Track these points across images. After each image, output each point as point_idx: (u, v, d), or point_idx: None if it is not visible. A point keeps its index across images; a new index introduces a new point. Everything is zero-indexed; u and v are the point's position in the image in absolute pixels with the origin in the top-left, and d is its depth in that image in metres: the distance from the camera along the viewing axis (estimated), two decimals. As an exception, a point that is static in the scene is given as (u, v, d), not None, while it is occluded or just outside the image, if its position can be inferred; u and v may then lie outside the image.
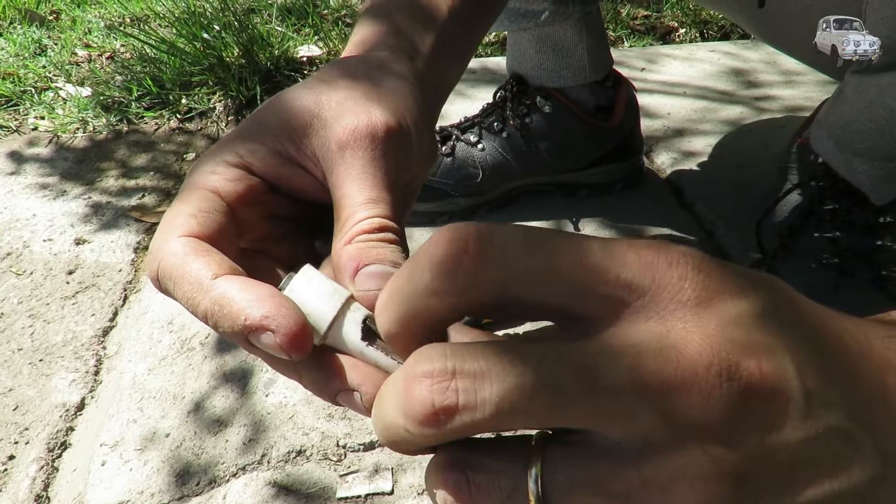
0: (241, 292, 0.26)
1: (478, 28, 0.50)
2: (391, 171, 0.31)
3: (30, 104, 1.38)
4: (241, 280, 0.26)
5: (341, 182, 0.30)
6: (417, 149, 0.34)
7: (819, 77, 1.33)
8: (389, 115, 0.32)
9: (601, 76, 0.95)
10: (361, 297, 0.27)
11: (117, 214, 1.06)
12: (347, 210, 0.29)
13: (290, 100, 0.33)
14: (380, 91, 0.33)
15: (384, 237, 0.29)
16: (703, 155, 1.10)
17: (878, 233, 0.72)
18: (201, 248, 0.28)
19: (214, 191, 0.30)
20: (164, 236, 0.28)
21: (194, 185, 0.30)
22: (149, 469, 0.66)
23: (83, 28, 1.75)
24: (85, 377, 0.79)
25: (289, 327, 0.25)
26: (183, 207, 0.29)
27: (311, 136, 0.31)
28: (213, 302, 0.26)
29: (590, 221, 0.96)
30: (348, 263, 0.28)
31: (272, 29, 1.58)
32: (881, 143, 0.68)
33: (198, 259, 0.27)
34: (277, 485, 0.64)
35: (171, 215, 0.29)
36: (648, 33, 1.67)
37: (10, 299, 0.91)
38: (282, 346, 0.25)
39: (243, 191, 0.31)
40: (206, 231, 0.29)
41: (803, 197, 0.77)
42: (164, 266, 0.27)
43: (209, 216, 0.29)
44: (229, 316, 0.25)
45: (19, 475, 0.69)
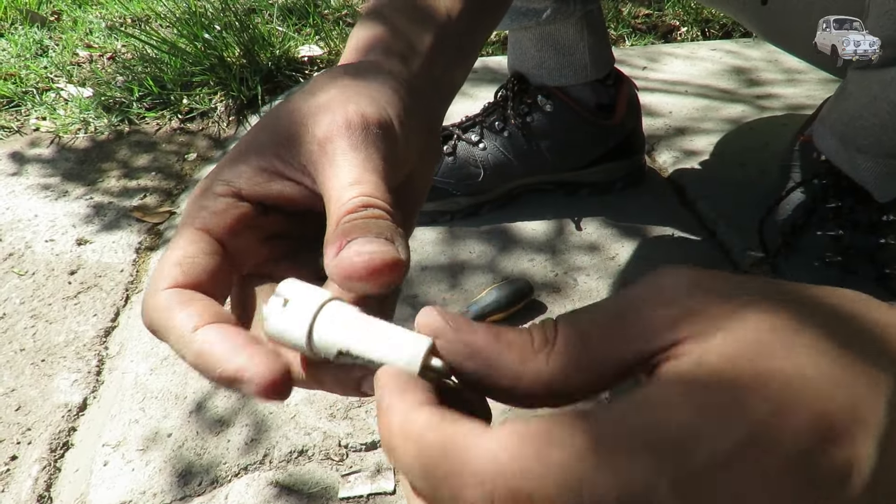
0: (219, 343, 0.26)
1: (480, 28, 0.49)
2: (374, 156, 0.30)
3: (31, 105, 1.38)
4: (222, 330, 0.26)
5: (326, 177, 0.30)
6: (404, 143, 0.33)
7: (821, 75, 1.33)
8: (366, 107, 0.31)
9: (602, 75, 0.94)
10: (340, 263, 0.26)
11: (119, 215, 1.06)
12: (333, 201, 0.29)
13: (275, 116, 0.33)
14: (358, 89, 0.33)
15: (368, 213, 0.27)
16: (704, 153, 1.10)
17: (881, 231, 0.72)
18: (185, 298, 0.28)
19: (203, 229, 0.30)
20: (152, 289, 0.29)
21: (183, 226, 0.31)
22: (151, 469, 0.66)
23: (84, 29, 1.75)
24: (87, 377, 0.79)
25: (263, 377, 0.25)
26: (170, 255, 0.29)
27: (296, 145, 0.31)
28: (194, 355, 0.26)
29: (591, 220, 0.96)
30: (331, 247, 0.26)
31: (273, 29, 1.58)
32: (885, 138, 0.68)
33: (182, 311, 0.27)
34: (279, 485, 0.64)
35: (160, 264, 0.30)
36: (650, 32, 1.67)
37: (13, 300, 0.91)
38: (259, 395, 0.25)
39: (232, 221, 0.31)
40: (192, 278, 0.29)
41: (806, 195, 0.77)
42: (153, 321, 0.28)
43: (194, 261, 0.29)
44: (207, 368, 0.26)
45: (22, 475, 0.69)
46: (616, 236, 0.93)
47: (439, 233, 0.94)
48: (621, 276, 0.87)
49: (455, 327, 0.23)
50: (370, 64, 0.38)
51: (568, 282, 0.86)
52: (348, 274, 0.25)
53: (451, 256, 0.90)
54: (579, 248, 0.91)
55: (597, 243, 0.92)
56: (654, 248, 0.91)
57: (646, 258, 0.89)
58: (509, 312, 0.79)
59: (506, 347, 0.22)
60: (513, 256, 0.90)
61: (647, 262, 0.89)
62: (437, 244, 0.93)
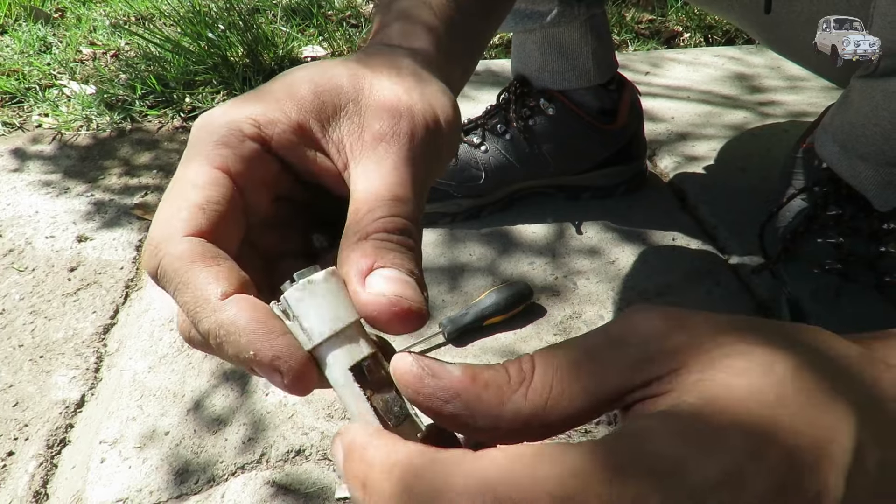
0: (252, 323, 0.24)
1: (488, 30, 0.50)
2: (421, 174, 0.29)
3: (34, 101, 1.38)
4: (251, 305, 0.24)
5: (368, 175, 0.27)
6: (447, 156, 0.32)
7: (823, 83, 1.33)
8: (430, 117, 0.30)
9: (606, 79, 0.94)
10: (370, 300, 0.24)
11: (120, 212, 1.07)
12: (369, 204, 0.27)
13: (324, 73, 0.30)
14: (423, 91, 0.31)
15: (403, 241, 0.26)
16: (706, 159, 1.10)
17: (881, 239, 0.72)
18: (209, 253, 0.25)
19: (225, 170, 0.27)
20: (168, 229, 0.26)
21: (202, 159, 0.27)
22: (148, 467, 0.66)
23: (88, 26, 1.75)
24: (85, 374, 0.79)
25: (297, 371, 0.24)
26: (190, 193, 0.26)
27: (342, 119, 0.29)
28: (218, 324, 0.24)
29: (591, 224, 0.96)
30: (362, 260, 0.25)
31: (277, 29, 1.58)
32: (886, 148, 0.68)
33: (205, 269, 0.25)
34: (276, 484, 0.64)
35: (175, 199, 0.26)
36: (653, 37, 1.67)
37: (12, 296, 0.91)
38: (285, 387, 0.24)
39: (257, 173, 0.28)
40: (215, 227, 0.26)
41: (807, 202, 0.77)
42: (168, 268, 0.25)
43: (218, 208, 0.26)
44: (235, 344, 0.24)
45: (18, 471, 0.69)
46: (616, 240, 0.93)
47: (439, 235, 0.94)
48: (621, 280, 0.87)
49: (431, 373, 0.23)
50: (428, 59, 0.36)
51: (568, 285, 0.86)
52: (376, 313, 0.24)
53: (451, 259, 0.90)
54: (579, 252, 0.91)
55: (597, 247, 0.92)
56: (654, 252, 0.91)
57: (646, 262, 0.89)
58: (509, 315, 0.79)
59: (483, 389, 0.22)
60: (513, 259, 0.90)
61: (648, 266, 0.89)
62: (438, 246, 0.93)
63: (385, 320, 0.24)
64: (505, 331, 0.79)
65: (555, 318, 0.81)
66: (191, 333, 0.27)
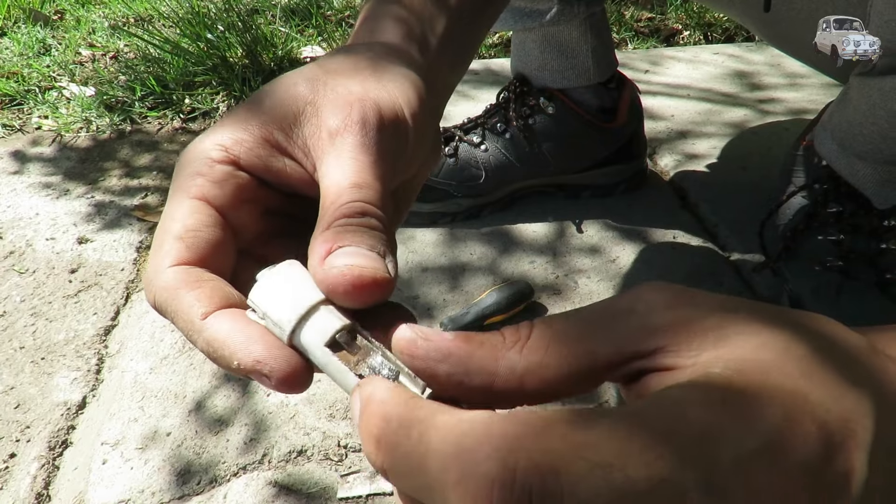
0: (231, 334, 0.25)
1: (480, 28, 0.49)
2: (381, 160, 0.29)
3: (33, 103, 1.38)
4: (230, 318, 0.25)
5: (329, 170, 0.28)
6: (415, 144, 0.32)
7: (823, 80, 1.33)
8: (385, 104, 0.30)
9: (605, 78, 0.94)
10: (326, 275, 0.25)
11: (120, 214, 1.07)
12: (331, 197, 0.27)
13: (283, 85, 0.31)
14: (380, 80, 0.32)
15: (365, 222, 0.27)
16: (706, 157, 1.10)
17: (881, 236, 0.72)
18: (192, 277, 0.27)
19: (202, 198, 0.28)
20: (155, 264, 0.27)
21: (180, 193, 0.29)
22: (150, 468, 0.66)
23: (87, 28, 1.75)
24: (86, 376, 0.79)
25: (283, 370, 0.24)
26: (171, 227, 0.28)
27: (302, 123, 0.30)
28: (205, 342, 0.25)
29: (592, 223, 0.96)
30: (323, 246, 0.25)
31: (276, 30, 1.58)
32: (884, 146, 0.68)
33: (188, 293, 0.26)
34: (278, 485, 0.64)
35: (159, 238, 0.28)
36: (652, 35, 1.67)
37: (13, 297, 0.91)
38: (278, 388, 0.24)
39: (232, 193, 0.29)
40: (196, 253, 0.27)
41: (807, 199, 0.77)
42: (159, 299, 0.27)
43: (197, 235, 0.28)
44: (222, 358, 0.25)
45: (20, 473, 0.69)
46: (617, 239, 0.93)
47: (440, 234, 0.94)
48: (622, 278, 0.86)
49: (425, 336, 0.23)
50: (390, 49, 0.36)
51: (569, 284, 0.86)
52: (334, 286, 0.25)
53: (451, 258, 0.90)
54: (580, 251, 0.91)
55: (598, 246, 0.92)
56: (655, 250, 0.91)
57: (647, 261, 0.89)
58: (510, 314, 0.79)
59: (477, 347, 0.22)
60: (513, 258, 0.90)
61: (648, 264, 0.89)
62: (438, 246, 0.93)
63: (342, 291, 0.25)
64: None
65: (556, 317, 0.81)
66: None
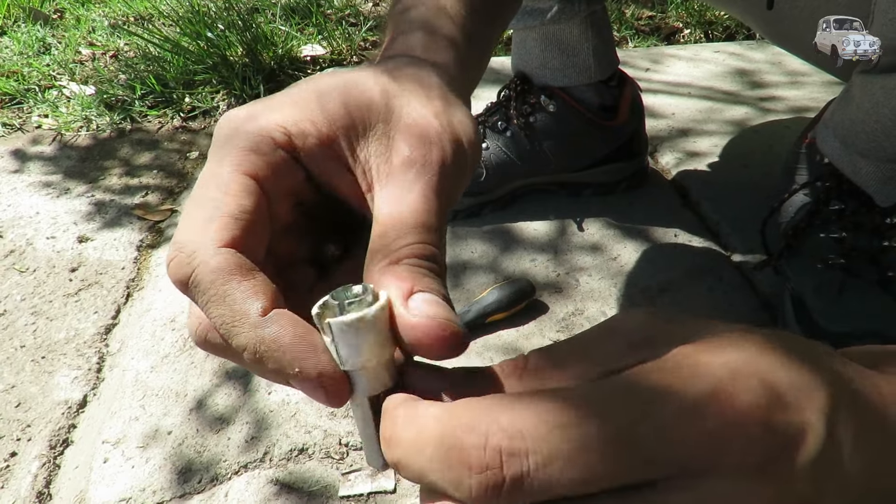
0: (296, 340, 0.24)
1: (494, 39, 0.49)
2: (447, 202, 0.29)
3: (34, 102, 1.38)
4: (292, 322, 0.24)
5: (396, 199, 0.27)
6: (468, 180, 0.32)
7: (825, 77, 1.32)
8: (458, 145, 0.30)
9: (606, 76, 0.94)
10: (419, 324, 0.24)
11: (120, 212, 1.06)
12: (398, 230, 0.27)
13: (356, 87, 0.29)
14: (451, 116, 0.31)
15: (434, 267, 0.26)
16: (707, 155, 1.10)
17: (883, 234, 0.71)
18: (245, 266, 0.25)
19: (255, 177, 0.27)
20: (201, 237, 0.25)
21: (233, 163, 0.27)
22: (151, 466, 0.66)
23: (87, 27, 1.75)
24: (87, 374, 0.79)
25: (338, 388, 0.24)
26: (223, 201, 0.26)
27: (370, 140, 0.29)
28: (259, 340, 0.24)
29: (593, 221, 0.96)
30: (401, 283, 0.25)
31: (276, 28, 1.58)
32: (886, 144, 0.67)
33: (243, 283, 0.25)
34: (279, 483, 0.64)
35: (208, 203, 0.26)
36: (653, 34, 1.67)
37: (13, 296, 0.91)
38: (326, 401, 0.24)
39: (284, 182, 0.28)
40: (247, 239, 0.26)
41: (809, 197, 0.77)
42: (203, 280, 0.25)
43: (249, 217, 0.26)
44: (278, 360, 0.24)
45: (21, 472, 0.69)
46: (618, 237, 0.93)
47: (441, 232, 0.94)
48: (623, 276, 0.86)
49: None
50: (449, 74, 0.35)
51: (570, 282, 0.86)
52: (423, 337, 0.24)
53: (452, 256, 0.90)
54: (581, 249, 0.91)
55: (599, 244, 0.92)
56: (656, 249, 0.91)
57: (648, 259, 0.89)
58: (511, 312, 0.79)
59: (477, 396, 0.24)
60: (515, 256, 0.90)
61: (650, 262, 0.88)
62: (439, 244, 0.92)
63: (429, 343, 0.24)
64: (507, 328, 0.79)
65: (557, 315, 0.81)
66: (207, 337, 0.27)
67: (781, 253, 0.77)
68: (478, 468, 0.19)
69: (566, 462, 0.19)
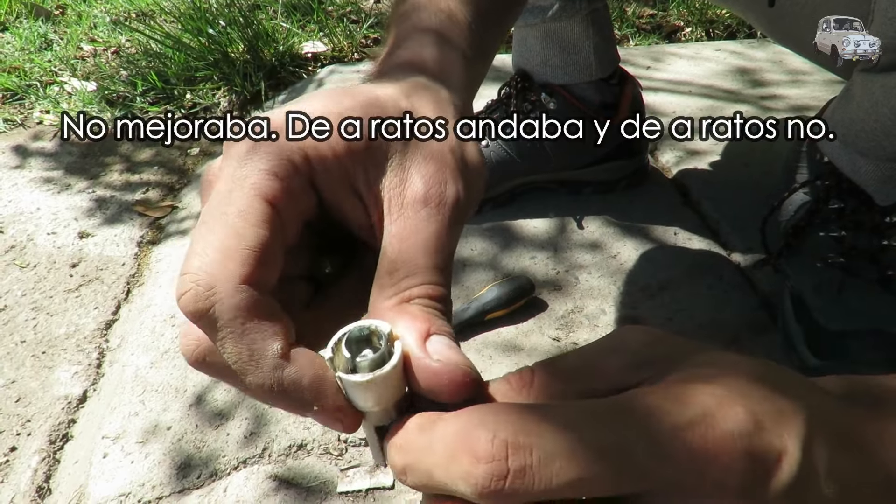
0: (315, 381, 0.25)
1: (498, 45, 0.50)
2: (456, 240, 0.29)
3: (35, 98, 1.38)
4: (310, 363, 0.25)
5: (408, 236, 0.27)
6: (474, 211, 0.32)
7: (825, 76, 1.32)
8: (470, 192, 0.30)
9: (607, 73, 0.94)
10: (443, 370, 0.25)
11: (121, 209, 1.07)
12: (408, 267, 0.27)
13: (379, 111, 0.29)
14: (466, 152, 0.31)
15: (444, 309, 0.27)
16: (708, 154, 1.10)
17: (883, 233, 0.71)
18: (266, 307, 0.25)
19: (274, 202, 0.27)
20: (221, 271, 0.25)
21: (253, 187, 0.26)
22: (150, 462, 0.66)
23: (89, 23, 1.75)
24: (87, 370, 0.79)
25: (353, 421, 0.26)
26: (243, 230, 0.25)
27: (387, 169, 0.29)
28: (277, 381, 0.24)
29: (593, 219, 0.96)
30: (415, 324, 0.25)
31: (277, 25, 1.58)
32: (886, 143, 0.67)
33: (262, 322, 0.24)
34: (278, 478, 0.64)
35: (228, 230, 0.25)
36: (654, 32, 1.67)
37: (14, 292, 0.91)
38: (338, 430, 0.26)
39: (299, 206, 0.28)
40: (264, 272, 0.25)
41: (809, 196, 0.77)
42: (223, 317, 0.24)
43: (269, 252, 0.26)
44: (298, 399, 0.25)
45: (21, 466, 0.69)
46: (618, 235, 0.93)
47: (441, 230, 0.94)
48: (623, 274, 0.86)
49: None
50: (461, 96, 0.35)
51: (569, 280, 0.86)
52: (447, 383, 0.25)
53: (452, 253, 0.90)
54: (581, 247, 0.91)
55: (599, 242, 0.92)
56: (656, 247, 0.91)
57: (648, 257, 0.89)
58: (510, 310, 0.79)
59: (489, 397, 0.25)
60: (514, 254, 0.90)
61: (649, 261, 0.88)
62: (439, 241, 0.93)
63: (447, 389, 0.25)
64: (507, 325, 0.79)
65: (556, 313, 0.81)
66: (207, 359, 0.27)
67: (781, 251, 0.77)
68: (486, 458, 0.20)
69: (567, 461, 0.20)
